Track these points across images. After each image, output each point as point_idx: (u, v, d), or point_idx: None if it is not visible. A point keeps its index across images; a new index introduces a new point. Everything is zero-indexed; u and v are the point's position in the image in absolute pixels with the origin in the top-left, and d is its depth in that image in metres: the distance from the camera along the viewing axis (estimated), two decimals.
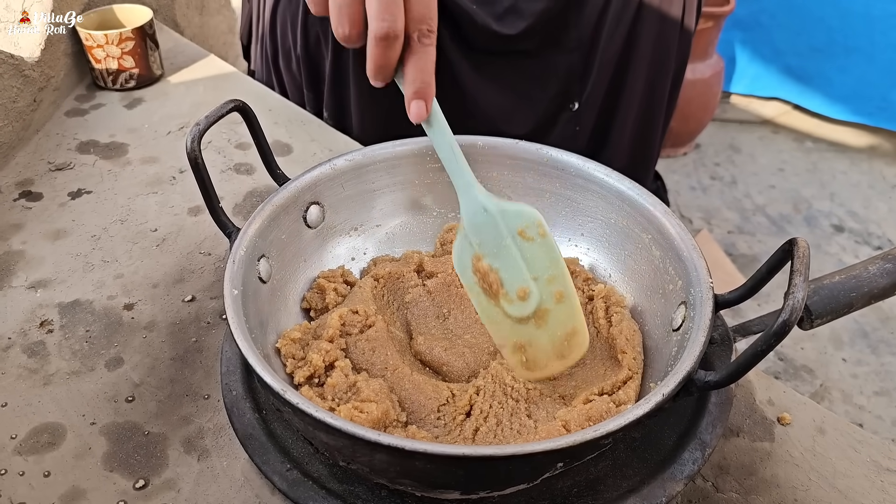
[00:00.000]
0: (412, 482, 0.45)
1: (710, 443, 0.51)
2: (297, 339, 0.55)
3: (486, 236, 0.52)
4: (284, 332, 0.56)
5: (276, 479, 0.48)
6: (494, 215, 0.51)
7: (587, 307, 0.60)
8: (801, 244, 0.46)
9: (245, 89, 1.04)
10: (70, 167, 0.88)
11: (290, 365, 0.54)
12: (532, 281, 0.51)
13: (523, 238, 0.51)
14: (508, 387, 0.52)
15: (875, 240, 1.89)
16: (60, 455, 0.55)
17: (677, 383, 0.44)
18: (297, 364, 0.54)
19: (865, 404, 1.43)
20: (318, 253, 0.65)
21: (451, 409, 0.53)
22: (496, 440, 0.50)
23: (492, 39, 0.95)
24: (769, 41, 2.27)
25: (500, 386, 0.53)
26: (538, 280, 0.51)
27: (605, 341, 0.57)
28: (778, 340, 0.42)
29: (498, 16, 0.94)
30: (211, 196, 0.57)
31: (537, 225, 0.51)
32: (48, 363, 0.62)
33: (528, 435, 0.49)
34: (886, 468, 0.56)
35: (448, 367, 0.57)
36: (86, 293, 0.69)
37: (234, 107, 0.59)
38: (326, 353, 0.54)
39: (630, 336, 0.55)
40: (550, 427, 0.48)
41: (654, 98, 1.07)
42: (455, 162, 0.52)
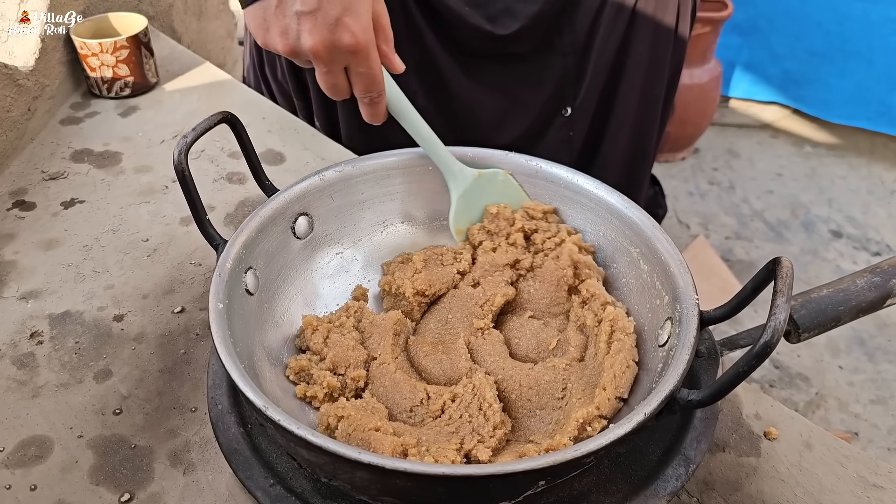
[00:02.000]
0: (394, 500, 0.45)
1: (694, 459, 0.51)
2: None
3: (477, 199, 0.67)
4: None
5: (258, 494, 0.48)
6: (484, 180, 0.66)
7: (594, 329, 0.58)
8: (785, 264, 0.46)
9: (239, 97, 1.04)
10: (64, 176, 0.88)
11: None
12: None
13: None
14: (486, 403, 0.52)
15: (873, 245, 1.88)
16: (47, 468, 0.55)
17: (659, 402, 0.44)
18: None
19: (861, 412, 1.42)
20: (307, 264, 0.65)
21: (423, 410, 0.54)
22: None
23: (484, 41, 0.95)
24: (767, 46, 2.26)
25: (477, 399, 0.53)
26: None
27: (596, 368, 0.56)
28: (760, 361, 0.42)
29: (491, 17, 0.94)
30: (198, 208, 0.57)
31: (503, 173, 0.66)
32: (37, 375, 0.62)
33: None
34: (873, 484, 0.56)
35: (426, 372, 0.58)
36: (76, 304, 0.70)
37: (222, 118, 0.59)
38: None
39: (619, 373, 0.52)
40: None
41: (648, 104, 1.07)
42: (436, 148, 0.65)
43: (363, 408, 0.52)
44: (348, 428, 0.49)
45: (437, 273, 0.65)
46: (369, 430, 0.48)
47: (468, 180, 0.66)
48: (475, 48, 0.97)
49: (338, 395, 0.55)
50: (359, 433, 0.48)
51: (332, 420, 0.50)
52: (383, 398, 0.55)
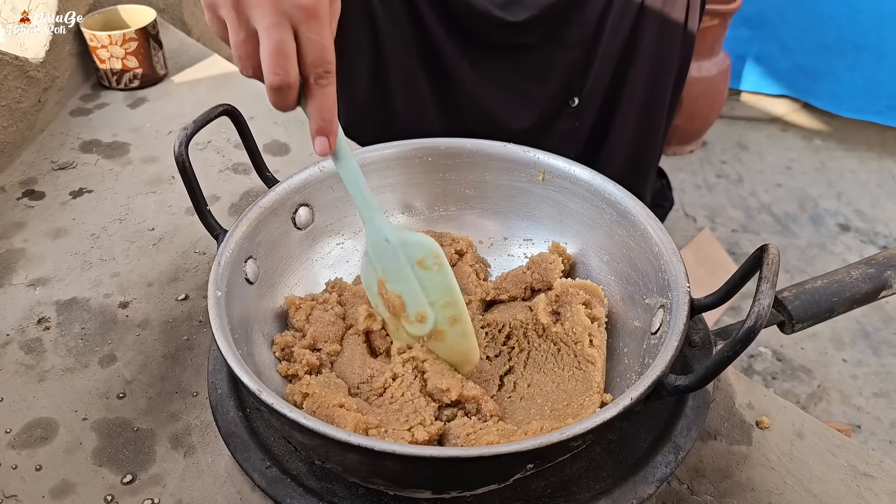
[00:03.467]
0: (384, 481, 0.46)
1: (683, 446, 0.52)
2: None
3: (388, 263, 0.56)
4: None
5: (255, 476, 0.50)
6: (395, 246, 0.55)
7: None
8: (772, 251, 0.46)
9: (246, 89, 1.05)
10: (73, 166, 0.90)
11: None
12: (429, 306, 0.55)
13: (421, 267, 0.55)
14: (426, 385, 0.54)
15: (881, 239, 1.87)
16: (52, 449, 0.56)
17: (647, 387, 0.45)
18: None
19: (864, 405, 1.42)
20: (307, 254, 0.66)
21: (368, 388, 0.56)
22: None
23: (493, 28, 0.96)
24: (777, 38, 2.25)
25: (420, 381, 0.55)
26: (434, 305, 0.55)
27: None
28: (744, 346, 0.43)
29: (501, 5, 0.95)
30: (199, 198, 0.58)
31: (434, 255, 0.54)
32: (44, 360, 0.64)
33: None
34: (863, 473, 0.56)
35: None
36: (83, 291, 0.71)
37: (223, 111, 0.60)
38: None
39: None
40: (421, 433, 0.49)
41: (655, 96, 1.08)
42: (361, 194, 0.54)
43: (325, 384, 0.53)
44: (313, 405, 0.50)
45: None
46: (333, 406, 0.49)
47: (376, 234, 0.56)
48: (483, 37, 0.97)
49: (317, 372, 0.57)
50: (323, 410, 0.49)
51: (297, 398, 0.52)
52: (342, 373, 0.57)
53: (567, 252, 0.66)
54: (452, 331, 0.55)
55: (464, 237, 0.69)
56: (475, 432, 0.49)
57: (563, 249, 0.66)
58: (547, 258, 0.65)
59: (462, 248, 0.68)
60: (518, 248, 0.70)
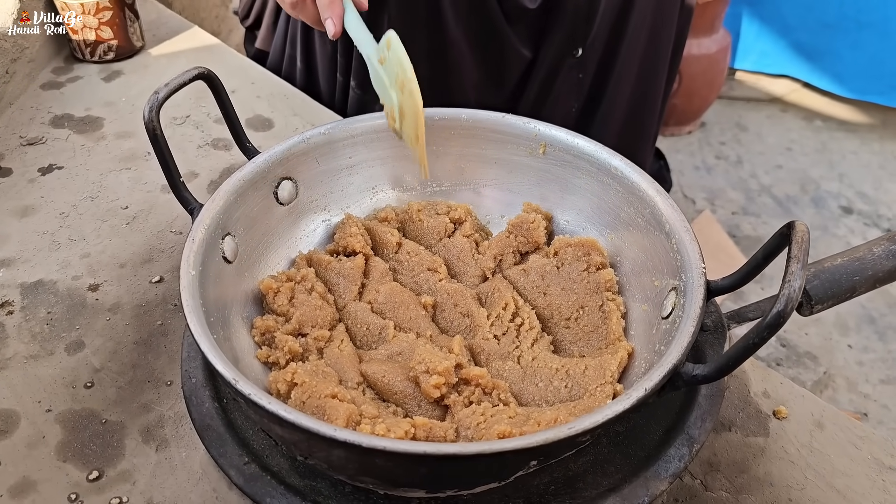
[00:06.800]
0: (373, 480, 0.42)
1: (698, 438, 0.48)
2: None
3: (378, 87, 0.60)
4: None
5: (232, 472, 0.45)
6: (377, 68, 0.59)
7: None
8: (800, 228, 0.42)
9: (229, 62, 1.00)
10: (42, 142, 0.84)
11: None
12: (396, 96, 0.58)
13: (382, 64, 0.58)
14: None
15: (885, 222, 1.84)
16: (12, 444, 0.52)
17: (661, 377, 0.41)
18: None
19: (871, 393, 1.39)
20: (291, 231, 0.62)
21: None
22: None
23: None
24: (778, 16, 2.19)
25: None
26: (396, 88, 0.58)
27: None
28: (772, 332, 0.38)
29: None
30: (171, 169, 0.54)
31: (386, 41, 0.56)
32: (6, 346, 0.59)
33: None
34: (889, 466, 0.52)
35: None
36: (50, 273, 0.66)
37: (198, 74, 0.56)
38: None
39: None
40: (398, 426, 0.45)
41: (656, 47, 1.06)
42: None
43: (314, 372, 0.49)
44: (302, 395, 0.46)
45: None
46: (325, 396, 0.45)
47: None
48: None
49: (299, 360, 0.52)
50: (314, 400, 0.45)
51: (282, 387, 0.47)
52: (331, 365, 0.52)
53: (541, 208, 0.63)
54: (405, 100, 0.57)
55: (462, 205, 0.65)
56: (486, 421, 0.45)
57: (538, 206, 0.63)
58: (527, 219, 0.62)
59: (460, 216, 0.64)
60: None
